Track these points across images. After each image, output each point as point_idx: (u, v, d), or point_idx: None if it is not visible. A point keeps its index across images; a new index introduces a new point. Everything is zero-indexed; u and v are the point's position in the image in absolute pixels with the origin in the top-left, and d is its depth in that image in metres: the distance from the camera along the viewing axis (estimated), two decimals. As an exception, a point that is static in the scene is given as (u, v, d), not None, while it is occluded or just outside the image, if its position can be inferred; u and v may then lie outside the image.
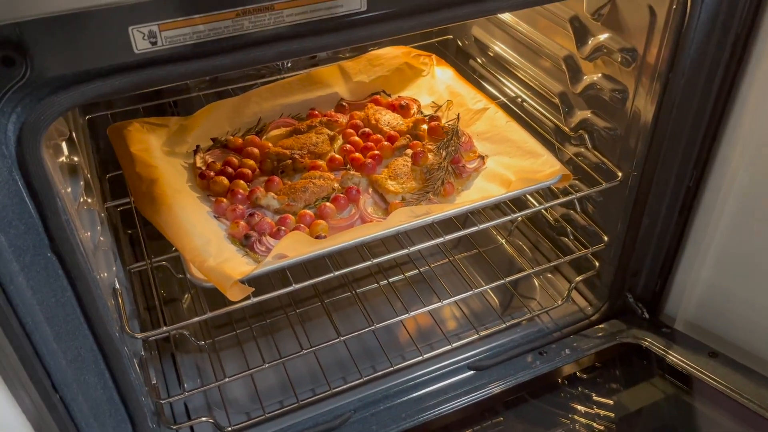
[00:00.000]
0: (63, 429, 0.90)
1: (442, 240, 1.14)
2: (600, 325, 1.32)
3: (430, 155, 1.22)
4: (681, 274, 1.26)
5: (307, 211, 1.13)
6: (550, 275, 1.45)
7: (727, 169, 1.11)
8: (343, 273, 1.08)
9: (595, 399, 1.22)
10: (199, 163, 1.23)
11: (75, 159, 0.97)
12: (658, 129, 1.08)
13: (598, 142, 1.25)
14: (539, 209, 1.31)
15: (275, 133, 1.35)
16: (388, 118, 1.35)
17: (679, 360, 1.21)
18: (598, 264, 1.32)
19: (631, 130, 1.14)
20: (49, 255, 0.76)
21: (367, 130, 1.33)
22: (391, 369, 1.21)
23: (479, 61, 1.59)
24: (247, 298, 0.98)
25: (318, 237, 1.07)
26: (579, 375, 1.26)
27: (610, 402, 1.21)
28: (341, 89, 1.45)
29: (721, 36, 0.99)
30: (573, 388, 1.24)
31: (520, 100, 1.44)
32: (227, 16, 0.70)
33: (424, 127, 1.31)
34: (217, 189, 1.17)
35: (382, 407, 1.17)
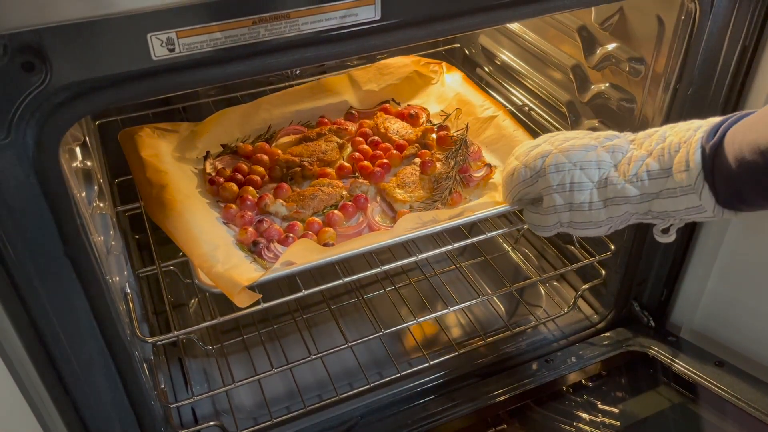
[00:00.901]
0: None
1: (449, 248, 1.14)
2: (606, 334, 1.32)
3: (438, 164, 1.23)
4: (687, 282, 1.26)
5: (315, 218, 1.14)
6: (556, 283, 1.45)
7: (734, 178, 1.11)
8: (351, 280, 1.08)
9: (601, 407, 1.22)
10: (208, 169, 1.24)
11: (88, 164, 0.98)
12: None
13: (605, 150, 1.25)
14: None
15: (285, 140, 1.35)
16: (397, 127, 1.35)
17: (685, 369, 1.21)
18: (604, 272, 1.33)
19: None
20: (63, 258, 0.76)
21: (376, 138, 1.33)
22: (398, 375, 1.21)
23: (486, 69, 1.60)
24: (256, 303, 0.98)
25: (326, 244, 1.07)
26: (584, 383, 1.26)
27: (616, 410, 1.21)
28: (351, 97, 1.46)
29: (729, 47, 1.00)
30: (578, 396, 1.24)
31: (528, 108, 1.45)
32: (244, 24, 0.70)
33: (433, 136, 1.32)
34: (226, 195, 1.17)
35: (389, 413, 1.17)
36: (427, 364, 1.24)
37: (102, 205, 1.02)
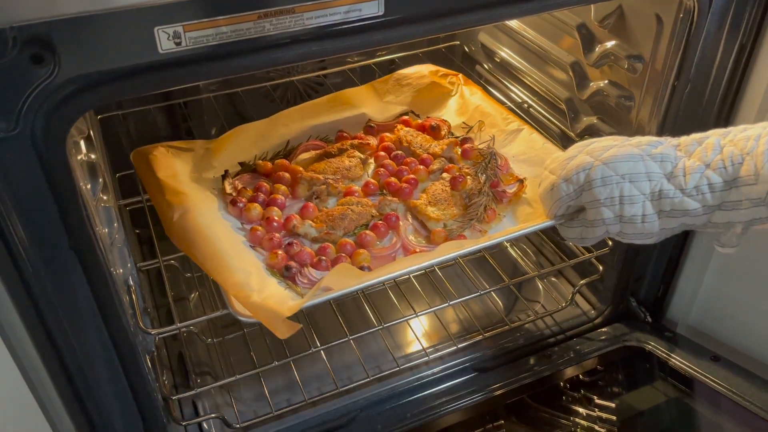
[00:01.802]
0: (76, 423, 0.92)
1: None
2: (603, 329, 1.34)
3: (468, 179, 1.19)
4: (684, 279, 1.28)
5: (347, 239, 1.09)
6: (553, 278, 1.47)
7: (731, 175, 1.12)
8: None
9: (598, 402, 1.23)
10: (228, 189, 1.18)
11: (93, 157, 0.98)
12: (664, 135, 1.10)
13: (604, 147, 1.26)
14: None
15: (304, 156, 1.29)
16: (420, 141, 1.31)
17: (681, 363, 1.22)
18: (601, 268, 1.34)
19: (636, 135, 1.16)
20: (68, 250, 0.77)
21: (399, 152, 1.29)
22: (397, 369, 1.23)
23: (486, 66, 1.61)
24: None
25: (361, 267, 1.03)
26: (581, 378, 1.27)
27: (613, 405, 1.22)
28: (369, 110, 1.41)
29: (727, 45, 1.01)
30: (575, 390, 1.25)
31: (527, 105, 1.46)
32: (250, 18, 0.71)
33: (458, 149, 1.28)
34: (250, 216, 1.12)
35: (388, 407, 1.18)
36: (426, 358, 1.25)
37: (106, 198, 1.02)
